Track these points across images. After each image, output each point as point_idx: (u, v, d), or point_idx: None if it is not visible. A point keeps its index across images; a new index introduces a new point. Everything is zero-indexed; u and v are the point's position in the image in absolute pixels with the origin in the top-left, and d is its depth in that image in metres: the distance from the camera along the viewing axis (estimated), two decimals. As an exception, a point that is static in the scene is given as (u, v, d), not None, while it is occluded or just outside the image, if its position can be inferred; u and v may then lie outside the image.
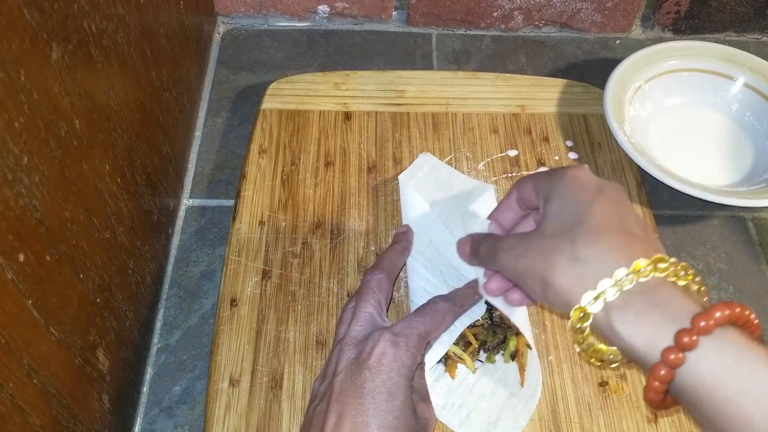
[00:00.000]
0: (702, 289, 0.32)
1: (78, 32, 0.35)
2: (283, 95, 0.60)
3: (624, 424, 0.44)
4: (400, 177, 0.53)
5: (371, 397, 0.35)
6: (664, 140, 0.60)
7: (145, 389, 0.48)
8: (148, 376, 0.48)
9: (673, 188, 0.53)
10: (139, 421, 0.47)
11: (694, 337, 0.28)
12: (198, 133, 0.61)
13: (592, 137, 0.59)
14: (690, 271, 0.32)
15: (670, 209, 0.58)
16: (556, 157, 0.57)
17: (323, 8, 0.69)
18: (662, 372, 0.29)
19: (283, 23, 0.70)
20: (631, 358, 0.32)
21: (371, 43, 0.69)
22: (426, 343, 0.40)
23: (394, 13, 0.70)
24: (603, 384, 0.46)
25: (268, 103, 0.59)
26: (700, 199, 0.53)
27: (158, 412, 0.47)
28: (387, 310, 0.42)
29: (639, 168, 0.56)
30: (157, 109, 0.49)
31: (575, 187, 0.35)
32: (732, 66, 0.62)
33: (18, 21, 0.29)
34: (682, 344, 0.28)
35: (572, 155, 0.57)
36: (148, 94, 0.47)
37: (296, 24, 0.70)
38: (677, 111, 0.62)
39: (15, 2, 0.29)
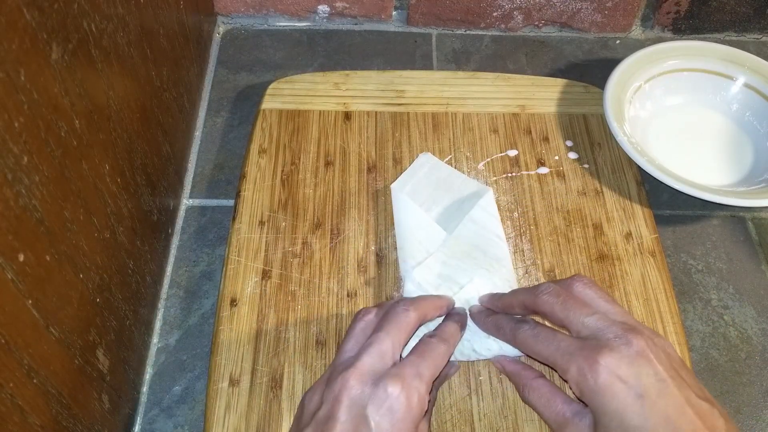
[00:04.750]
0: None
1: (78, 32, 0.35)
2: (283, 95, 0.60)
3: (624, 424, 0.44)
4: (392, 186, 0.53)
5: None
6: (664, 140, 0.60)
7: (145, 389, 0.48)
8: (148, 376, 0.48)
9: (673, 188, 0.53)
10: (139, 421, 0.47)
11: None
12: (198, 133, 0.61)
13: (592, 137, 0.59)
14: None
15: (670, 209, 0.58)
16: (556, 157, 0.57)
17: (323, 8, 0.69)
18: None
19: (283, 23, 0.70)
20: None
21: (371, 43, 0.69)
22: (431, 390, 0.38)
23: (394, 13, 0.70)
24: (603, 384, 0.46)
25: (268, 103, 0.59)
26: (700, 199, 0.53)
27: (158, 412, 0.47)
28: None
29: (639, 168, 0.56)
30: (157, 109, 0.49)
31: (625, 412, 0.35)
32: (732, 66, 0.62)
33: (18, 21, 0.29)
34: None
35: (572, 155, 0.57)
36: (148, 94, 0.47)
37: (296, 24, 0.70)
38: (677, 111, 0.62)
39: (15, 2, 0.29)
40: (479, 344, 0.45)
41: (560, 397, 0.40)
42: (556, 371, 0.39)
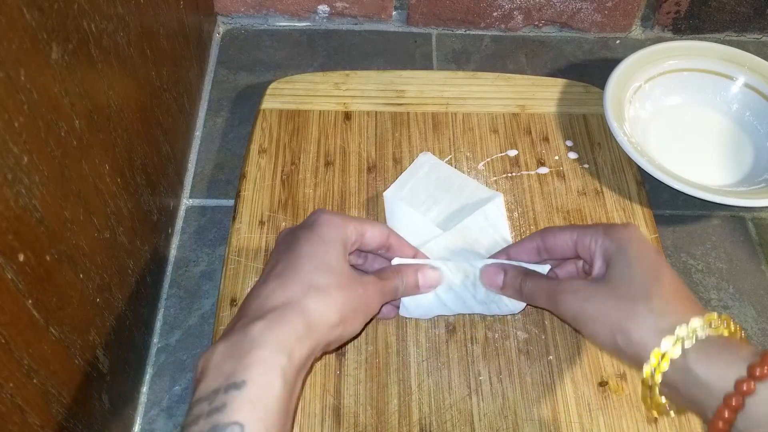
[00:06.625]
0: (745, 337, 0.36)
1: (78, 32, 0.35)
2: (283, 95, 0.60)
3: (624, 423, 0.44)
4: (385, 194, 0.52)
5: (308, 248, 0.38)
6: (664, 140, 0.60)
7: (145, 389, 0.48)
8: (148, 376, 0.48)
9: (673, 188, 0.53)
10: (139, 421, 0.47)
11: (766, 369, 0.32)
12: (198, 133, 0.61)
13: (592, 137, 0.59)
14: (737, 326, 0.36)
15: (670, 209, 0.58)
16: (556, 157, 0.57)
17: (323, 8, 0.69)
18: (733, 401, 0.32)
19: (283, 23, 0.70)
20: (691, 406, 0.35)
21: (371, 43, 0.69)
22: (360, 240, 0.42)
23: (394, 12, 0.70)
24: (603, 384, 0.46)
25: (268, 103, 0.59)
26: (700, 199, 0.53)
27: (158, 412, 0.47)
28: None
29: (639, 168, 0.56)
30: (157, 109, 0.49)
31: (642, 253, 0.39)
32: (732, 66, 0.62)
33: (18, 21, 0.29)
34: (754, 376, 0.32)
35: (572, 155, 0.57)
36: (148, 94, 0.47)
37: (296, 24, 0.70)
38: (677, 111, 0.62)
39: (15, 2, 0.29)
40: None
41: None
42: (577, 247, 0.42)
